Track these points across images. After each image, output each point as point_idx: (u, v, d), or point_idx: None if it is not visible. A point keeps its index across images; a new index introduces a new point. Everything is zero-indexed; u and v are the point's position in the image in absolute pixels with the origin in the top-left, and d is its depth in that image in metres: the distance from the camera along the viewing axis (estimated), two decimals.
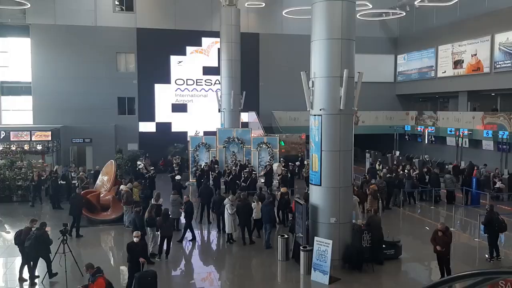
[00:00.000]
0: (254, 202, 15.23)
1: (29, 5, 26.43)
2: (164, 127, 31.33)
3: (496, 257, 12.95)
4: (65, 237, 11.43)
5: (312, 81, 12.36)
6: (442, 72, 30.40)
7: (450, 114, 29.94)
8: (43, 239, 11.33)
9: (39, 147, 24.72)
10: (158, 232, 13.48)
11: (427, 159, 28.70)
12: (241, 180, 21.03)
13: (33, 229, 11.54)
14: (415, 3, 28.09)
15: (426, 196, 21.40)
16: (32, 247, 11.14)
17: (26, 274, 11.58)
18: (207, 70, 31.98)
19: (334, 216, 12.17)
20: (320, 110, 12.12)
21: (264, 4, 30.32)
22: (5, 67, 29.38)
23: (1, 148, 24.01)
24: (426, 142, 30.62)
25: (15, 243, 11.84)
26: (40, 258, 11.51)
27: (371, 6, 26.89)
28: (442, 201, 21.02)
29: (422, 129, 31.08)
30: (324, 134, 12.14)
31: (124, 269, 13.05)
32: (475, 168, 22.91)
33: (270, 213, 14.68)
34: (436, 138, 30.27)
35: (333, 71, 12.01)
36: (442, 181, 21.81)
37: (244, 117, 30.43)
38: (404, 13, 30.35)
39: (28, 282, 11.48)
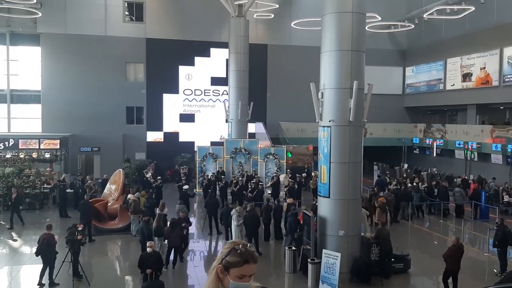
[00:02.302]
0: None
1: (40, 14, 26.74)
2: (171, 137, 31.39)
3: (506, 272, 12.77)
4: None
5: (322, 92, 12.35)
6: (451, 85, 30.31)
7: (458, 127, 29.79)
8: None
9: (47, 155, 24.79)
10: (166, 242, 13.45)
11: (436, 172, 28.51)
12: (248, 191, 20.97)
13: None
14: (424, 15, 28.14)
15: (434, 210, 21.23)
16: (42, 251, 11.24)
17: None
18: (215, 81, 32.09)
19: (343, 229, 12.07)
20: (330, 121, 12.09)
21: (273, 16, 30.47)
22: (15, 76, 29.63)
23: (10, 155, 24.09)
24: (435, 155, 30.45)
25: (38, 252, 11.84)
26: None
27: (380, 19, 26.93)
28: (451, 214, 20.83)
29: (430, 142, 30.93)
30: (333, 145, 12.10)
31: (129, 278, 13.05)
32: (471, 181, 22.93)
33: (292, 225, 14.53)
34: (445, 151, 30.10)
35: (343, 83, 12.00)
36: (451, 194, 21.63)
37: (251, 127, 30.44)
38: (413, 26, 30.40)
39: None
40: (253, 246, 2.60)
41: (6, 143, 24.32)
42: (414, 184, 22.04)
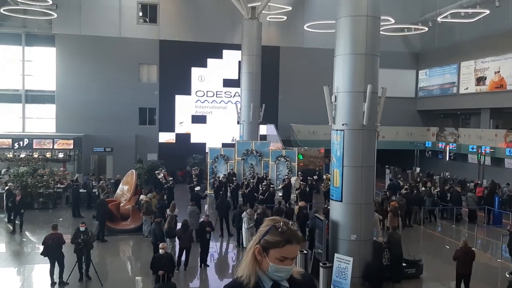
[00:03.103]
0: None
1: (55, 16, 27.04)
2: (183, 138, 31.53)
3: None
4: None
5: (335, 96, 12.33)
6: (465, 89, 30.05)
7: (472, 131, 29.49)
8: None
9: (60, 155, 25.04)
10: (177, 243, 13.52)
11: (448, 177, 28.27)
12: (259, 193, 20.99)
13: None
14: (438, 19, 27.94)
15: (447, 214, 21.05)
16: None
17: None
18: (227, 82, 32.18)
19: (355, 233, 12.03)
20: (343, 125, 12.06)
21: (285, 18, 30.47)
22: (30, 76, 29.98)
23: (24, 155, 24.37)
24: (447, 159, 30.19)
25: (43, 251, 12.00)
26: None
27: (393, 21, 26.81)
28: (463, 219, 20.65)
29: (443, 146, 30.68)
30: (346, 149, 12.07)
31: (141, 279, 13.14)
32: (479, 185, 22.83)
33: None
34: (458, 155, 29.83)
35: (356, 86, 11.97)
36: (463, 199, 21.44)
37: (263, 129, 30.47)
38: (427, 29, 30.20)
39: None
40: (295, 224, 2.32)
41: (21, 142, 24.63)
42: (427, 188, 21.88)
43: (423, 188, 21.77)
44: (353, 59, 12.04)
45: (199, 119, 32.02)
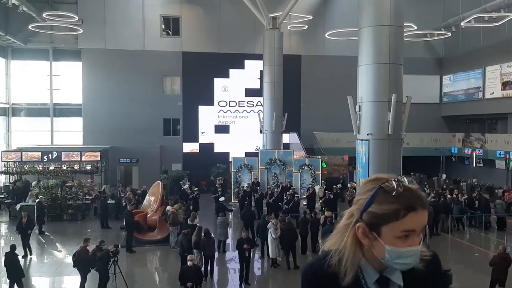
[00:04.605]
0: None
1: (81, 31, 27.74)
2: (207, 148, 31.83)
3: None
4: (116, 258, 11.75)
5: (359, 106, 12.35)
6: (490, 94, 29.55)
7: (499, 136, 28.94)
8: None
9: (88, 167, 25.56)
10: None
11: (475, 183, 27.77)
12: (284, 203, 20.99)
13: (87, 247, 12.08)
14: (461, 23, 27.62)
15: (475, 222, 20.68)
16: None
17: None
18: (249, 92, 32.39)
19: None
20: (368, 135, 12.07)
21: (306, 27, 30.57)
22: (57, 90, 30.78)
23: (53, 167, 24.96)
24: (474, 165, 29.67)
25: (74, 265, 12.23)
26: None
27: (415, 28, 26.62)
28: (492, 227, 20.26)
29: (469, 152, 30.18)
30: (372, 159, 12.06)
31: None
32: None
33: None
34: (484, 161, 29.29)
35: (380, 96, 11.99)
36: (492, 206, 21.03)
37: (286, 138, 30.51)
38: (450, 34, 29.87)
39: None
40: (412, 179, 1.61)
41: (50, 155, 25.24)
42: (454, 195, 21.55)
43: (449, 196, 21.45)
44: (376, 68, 12.07)
45: (222, 129, 32.29)
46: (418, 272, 1.61)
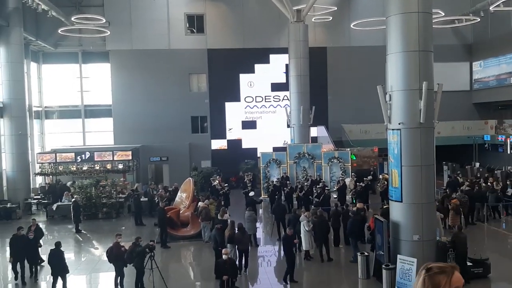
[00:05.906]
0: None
1: (108, 33, 28.22)
2: (235, 144, 31.98)
3: None
4: (152, 253, 11.97)
5: (389, 95, 12.18)
6: None
7: None
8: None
9: (120, 166, 26.04)
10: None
11: (511, 171, 27.05)
12: (314, 196, 20.94)
13: (119, 241, 12.38)
14: (490, 8, 26.87)
15: (511, 210, 20.19)
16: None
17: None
18: (275, 87, 32.34)
19: (417, 233, 11.80)
20: (399, 124, 11.89)
21: (331, 18, 30.26)
22: (87, 92, 31.46)
23: (86, 168, 25.54)
24: (508, 152, 28.90)
25: (109, 261, 12.54)
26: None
27: (443, 14, 26.05)
28: None
29: (503, 139, 29.41)
30: (404, 148, 11.88)
31: (204, 284, 13.50)
32: None
33: (351, 227, 14.59)
34: None
35: (411, 84, 11.79)
36: None
37: (313, 131, 30.36)
38: (478, 19, 29.09)
39: None
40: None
41: (83, 156, 25.81)
42: (489, 183, 21.06)
43: (484, 184, 20.97)
44: (406, 56, 11.86)
45: (249, 124, 32.36)
46: None
